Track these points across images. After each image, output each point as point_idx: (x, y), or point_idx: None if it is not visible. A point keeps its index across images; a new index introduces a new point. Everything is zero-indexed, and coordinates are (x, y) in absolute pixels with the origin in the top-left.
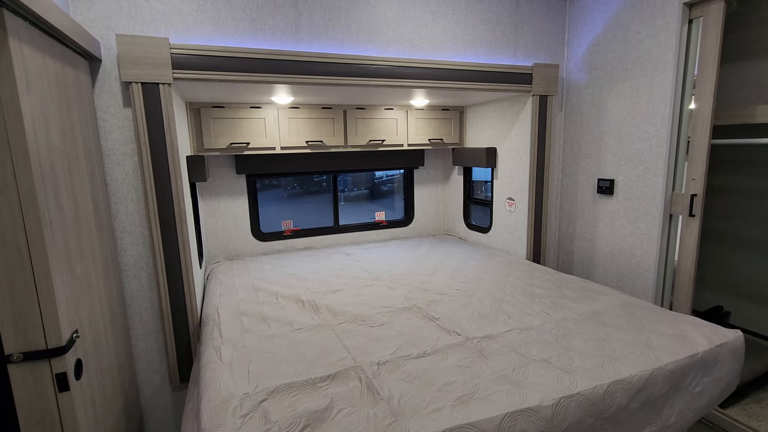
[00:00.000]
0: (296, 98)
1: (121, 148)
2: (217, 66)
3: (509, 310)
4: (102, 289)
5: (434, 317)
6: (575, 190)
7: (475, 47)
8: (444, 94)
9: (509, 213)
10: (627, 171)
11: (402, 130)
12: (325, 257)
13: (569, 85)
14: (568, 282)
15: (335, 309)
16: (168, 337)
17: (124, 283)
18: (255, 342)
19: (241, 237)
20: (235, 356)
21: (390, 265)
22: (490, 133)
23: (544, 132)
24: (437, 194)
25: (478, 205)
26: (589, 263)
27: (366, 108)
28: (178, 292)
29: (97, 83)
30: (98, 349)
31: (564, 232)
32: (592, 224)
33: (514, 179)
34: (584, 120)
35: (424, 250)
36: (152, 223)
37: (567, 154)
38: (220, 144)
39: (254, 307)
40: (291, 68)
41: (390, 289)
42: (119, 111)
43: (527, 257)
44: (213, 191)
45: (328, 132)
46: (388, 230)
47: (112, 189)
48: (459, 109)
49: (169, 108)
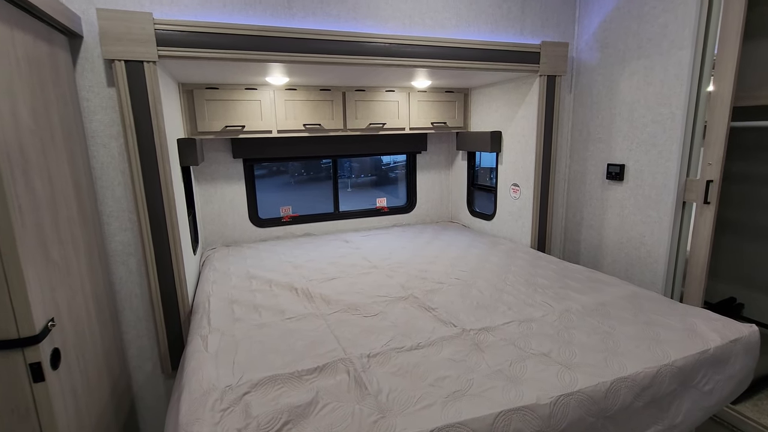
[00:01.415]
0: (292, 79)
1: (106, 130)
2: (205, 43)
3: (509, 300)
4: (85, 275)
5: (431, 307)
6: (583, 176)
7: (479, 24)
8: (447, 75)
9: (514, 200)
10: (638, 156)
11: (404, 113)
12: (323, 244)
13: (579, 64)
14: (573, 272)
15: (329, 298)
16: (158, 324)
17: (114, 269)
18: (244, 331)
19: (238, 223)
20: (221, 346)
21: (389, 252)
22: (496, 117)
23: (552, 115)
24: (440, 180)
25: (482, 191)
26: (596, 252)
27: (366, 90)
28: (167, 279)
29: (79, 61)
30: (80, 336)
31: (571, 219)
32: (600, 212)
33: (520, 165)
34: (594, 102)
35: (426, 238)
36: (140, 209)
37: (575, 138)
38: (214, 127)
39: (246, 295)
40: (284, 46)
41: (388, 277)
42: (103, 90)
43: (532, 245)
44: (209, 176)
45: (327, 115)
46: (390, 217)
47: (98, 172)
48: (463, 92)
49: (155, 87)
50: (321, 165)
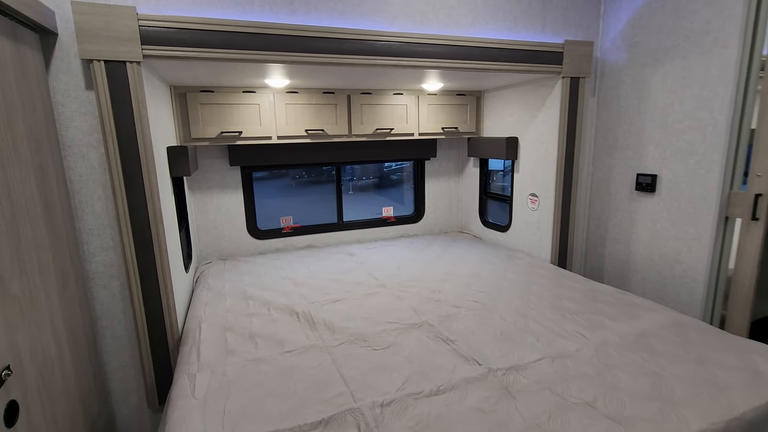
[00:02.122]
0: (293, 81)
1: (84, 138)
2: (197, 41)
3: (537, 329)
4: (56, 306)
5: (449, 338)
6: (608, 186)
7: (497, 21)
8: (460, 77)
9: (531, 211)
10: (673, 165)
11: (413, 118)
12: (326, 258)
13: (604, 65)
14: (602, 293)
15: (334, 324)
16: (144, 353)
17: (94, 293)
18: (237, 368)
19: (235, 235)
20: (211, 388)
21: (398, 267)
22: (511, 122)
23: (575, 120)
24: (450, 188)
25: (495, 200)
26: (622, 269)
27: (373, 93)
28: (154, 304)
29: (53, 61)
30: (48, 380)
31: (594, 233)
32: (627, 225)
33: (538, 173)
34: (621, 106)
35: (436, 251)
36: (122, 225)
37: (599, 145)
38: (209, 133)
39: (242, 321)
40: (283, 44)
41: (398, 299)
42: (81, 94)
43: (551, 261)
44: (204, 185)
45: (330, 120)
46: (397, 227)
47: (77, 186)
48: (476, 94)
49: (139, 90)
50: (322, 168)
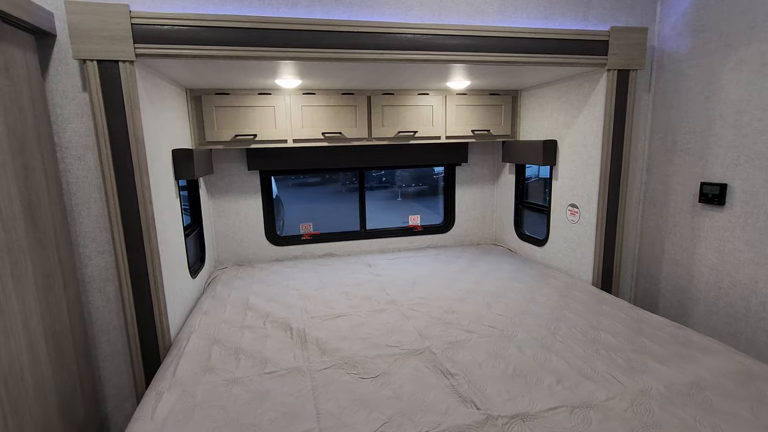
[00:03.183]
0: (305, 81)
1: (81, 140)
2: (192, 39)
3: (559, 367)
4: (33, 311)
5: (449, 371)
6: (665, 198)
7: (529, 8)
8: (489, 73)
9: (571, 224)
10: (749, 173)
11: (439, 120)
12: (342, 268)
13: (663, 55)
14: (651, 325)
15: (326, 344)
16: (135, 360)
17: (90, 296)
18: (209, 389)
19: (253, 240)
20: (174, 410)
21: (414, 282)
22: (550, 123)
23: (624, 119)
24: (483, 196)
25: (533, 210)
26: (682, 297)
27: (395, 93)
28: (145, 310)
29: (52, 63)
30: (15, 389)
31: (647, 252)
32: (689, 244)
33: (579, 181)
34: (683, 102)
35: (462, 264)
36: (114, 229)
37: (655, 149)
38: (223, 136)
39: (234, 334)
40: (285, 40)
41: (404, 318)
42: (78, 96)
43: (593, 283)
44: (223, 189)
45: (349, 122)
46: (424, 237)
47: (73, 188)
48: (512, 94)
49: (132, 91)
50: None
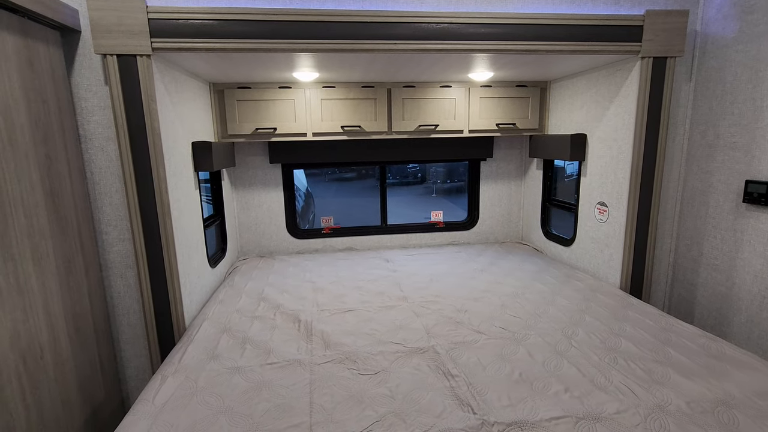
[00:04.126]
0: (323, 74)
1: (104, 132)
2: (207, 32)
3: (570, 375)
4: (53, 293)
5: (450, 372)
6: (705, 197)
7: None
8: (513, 63)
9: (599, 223)
10: None
11: (461, 113)
12: (360, 262)
13: (706, 40)
14: (680, 334)
15: (331, 338)
16: (152, 345)
17: (112, 282)
18: (212, 377)
19: (275, 233)
20: (175, 395)
21: (430, 279)
22: (580, 115)
23: (659, 110)
24: (509, 193)
25: (561, 209)
26: (722, 305)
27: (416, 86)
28: (161, 296)
29: (77, 58)
30: (32, 365)
31: (684, 255)
32: (732, 248)
33: (609, 177)
34: (728, 92)
35: (482, 263)
36: (133, 218)
37: (696, 144)
38: (244, 129)
39: (243, 323)
40: (300, 31)
41: (414, 315)
42: (101, 89)
43: (621, 286)
44: (247, 182)
45: (369, 116)
46: (446, 234)
47: (97, 177)
48: (540, 86)
49: (149, 85)
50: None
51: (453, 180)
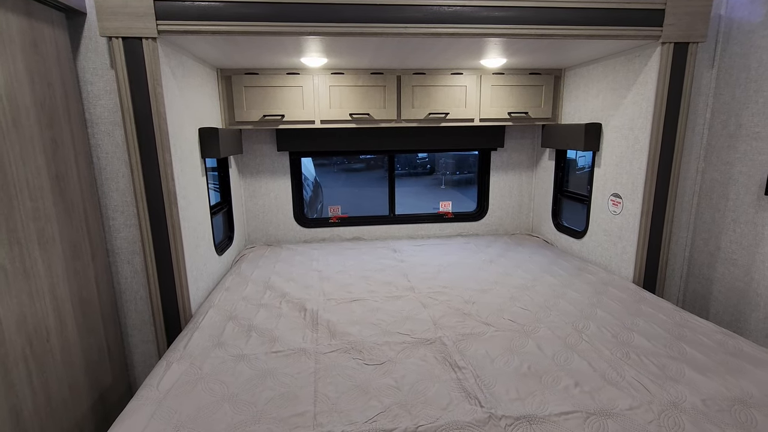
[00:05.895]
0: (332, 60)
1: (110, 116)
2: (212, 14)
3: (581, 369)
4: (59, 277)
5: (457, 364)
6: (724, 189)
7: None
8: (528, 49)
9: (613, 215)
10: None
11: (472, 101)
12: (367, 252)
13: (730, 26)
14: (695, 330)
15: (336, 328)
16: (159, 331)
17: (119, 267)
18: (216, 364)
19: (282, 221)
20: (179, 382)
21: (438, 270)
22: (596, 104)
23: (680, 99)
24: (520, 184)
25: (573, 200)
26: (739, 301)
27: (426, 73)
28: (167, 283)
29: (83, 41)
30: (38, 348)
31: (700, 249)
32: (750, 242)
33: (624, 168)
34: (752, 79)
35: (491, 254)
36: (139, 204)
37: (716, 133)
38: (252, 116)
39: (249, 311)
40: (306, 14)
41: (421, 306)
42: (107, 73)
43: (634, 280)
44: (254, 170)
45: (378, 103)
46: (454, 224)
47: (103, 162)
48: (554, 73)
49: (155, 68)
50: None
51: (463, 171)
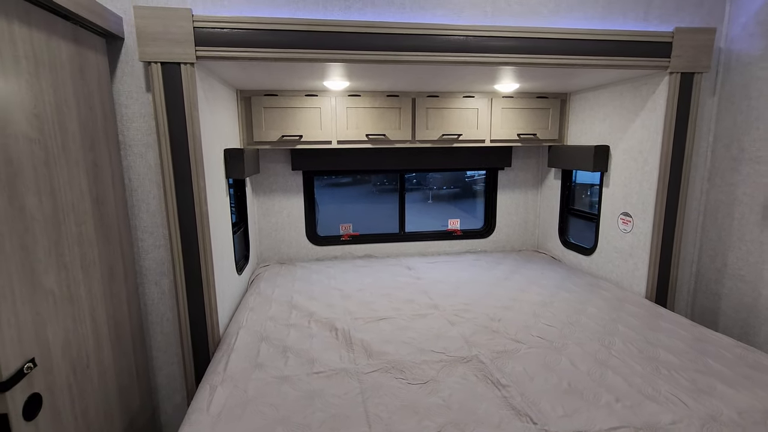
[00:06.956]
0: (353, 83)
1: (143, 139)
2: (250, 42)
3: (618, 385)
4: (99, 300)
5: (500, 382)
6: (730, 209)
7: (586, 8)
8: (540, 75)
9: (623, 233)
10: None
11: (484, 123)
12: (381, 269)
13: (730, 57)
14: (715, 344)
15: (372, 347)
16: (186, 353)
17: (146, 289)
18: (260, 386)
19: (295, 239)
20: (228, 405)
21: (456, 287)
22: (603, 127)
23: (686, 124)
24: (526, 201)
25: (579, 218)
26: (747, 315)
27: (440, 96)
28: (197, 305)
29: (119, 65)
30: (81, 374)
31: (707, 266)
32: (756, 259)
33: (634, 188)
34: (753, 107)
35: (504, 271)
36: (171, 225)
37: (720, 157)
38: (270, 137)
39: (280, 331)
40: (340, 42)
41: (449, 324)
42: (142, 96)
43: (647, 296)
44: (268, 188)
45: (393, 124)
46: (463, 242)
47: (135, 184)
48: (560, 97)
49: (192, 92)
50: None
51: (450, 186)
